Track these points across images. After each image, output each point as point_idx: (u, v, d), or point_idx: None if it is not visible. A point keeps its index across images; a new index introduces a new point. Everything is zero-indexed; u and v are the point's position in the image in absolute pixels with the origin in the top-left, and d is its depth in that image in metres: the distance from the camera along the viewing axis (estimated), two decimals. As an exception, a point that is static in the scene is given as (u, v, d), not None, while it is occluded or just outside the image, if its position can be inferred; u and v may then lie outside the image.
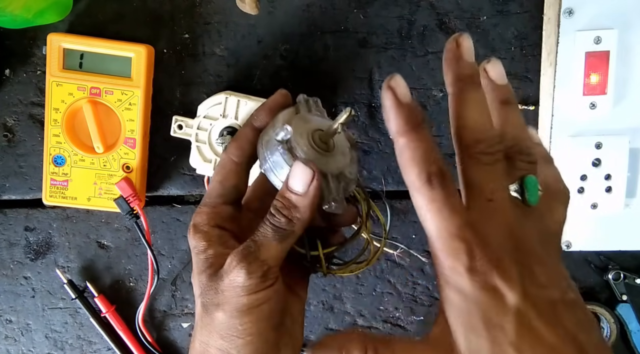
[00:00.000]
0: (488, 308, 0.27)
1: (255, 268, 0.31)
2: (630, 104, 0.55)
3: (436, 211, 0.27)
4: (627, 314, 0.59)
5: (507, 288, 0.27)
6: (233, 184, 0.35)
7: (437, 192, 0.27)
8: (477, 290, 0.27)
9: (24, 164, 0.58)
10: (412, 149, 0.29)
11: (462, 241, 0.27)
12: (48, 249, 0.60)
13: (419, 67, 0.57)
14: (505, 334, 0.27)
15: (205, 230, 0.34)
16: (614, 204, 0.55)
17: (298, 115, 0.35)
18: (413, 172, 0.28)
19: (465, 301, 0.27)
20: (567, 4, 0.53)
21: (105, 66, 0.54)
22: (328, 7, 0.56)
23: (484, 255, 0.27)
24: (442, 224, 0.27)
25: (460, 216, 0.27)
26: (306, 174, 0.32)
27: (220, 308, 0.32)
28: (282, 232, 0.32)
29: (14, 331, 0.61)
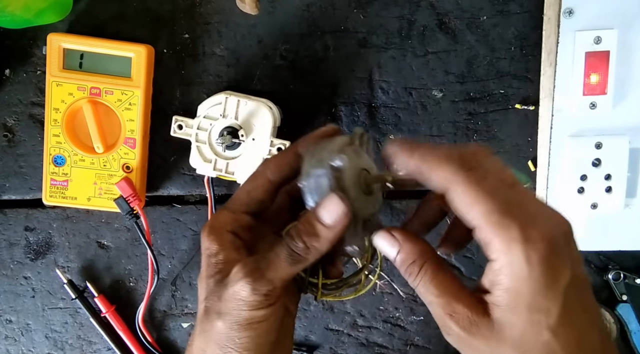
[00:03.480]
0: (539, 283, 0.27)
1: (261, 286, 0.31)
2: (630, 104, 0.55)
3: (478, 193, 0.28)
4: (627, 314, 0.59)
5: (561, 267, 0.27)
6: (260, 198, 0.35)
7: (474, 173, 0.28)
8: (534, 263, 0.27)
9: (24, 164, 0.58)
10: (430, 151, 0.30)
11: (514, 217, 0.27)
12: (48, 249, 0.60)
13: (419, 67, 0.57)
14: (547, 317, 0.27)
15: (221, 233, 0.34)
16: (614, 204, 0.55)
17: (352, 147, 0.34)
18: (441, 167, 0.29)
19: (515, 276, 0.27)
20: (567, 4, 0.53)
21: (105, 66, 0.54)
22: (328, 7, 0.56)
23: (539, 230, 0.27)
24: (489, 204, 0.27)
25: (503, 193, 0.28)
26: (339, 208, 0.31)
27: (221, 317, 0.32)
28: (295, 257, 0.32)
29: (14, 331, 0.61)
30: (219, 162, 0.53)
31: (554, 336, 0.27)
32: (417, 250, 0.32)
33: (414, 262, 0.31)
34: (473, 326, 0.29)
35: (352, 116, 0.57)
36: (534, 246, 0.27)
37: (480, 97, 0.57)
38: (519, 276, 0.27)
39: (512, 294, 0.27)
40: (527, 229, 0.27)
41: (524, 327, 0.27)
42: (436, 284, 0.31)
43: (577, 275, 0.28)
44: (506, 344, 0.28)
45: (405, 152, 0.30)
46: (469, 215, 0.28)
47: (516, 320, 0.28)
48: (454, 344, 0.30)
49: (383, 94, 0.57)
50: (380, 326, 0.61)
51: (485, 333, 0.28)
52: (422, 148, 0.30)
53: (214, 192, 0.57)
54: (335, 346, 0.61)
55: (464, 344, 0.30)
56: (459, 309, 0.29)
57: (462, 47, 0.56)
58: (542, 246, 0.27)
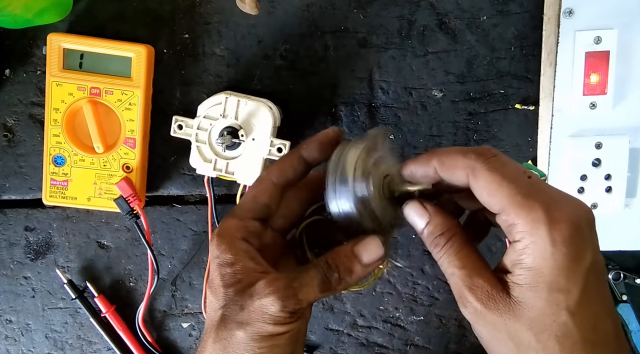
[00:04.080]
0: (561, 263, 0.28)
1: (290, 305, 0.32)
2: (630, 104, 0.55)
3: (501, 178, 0.29)
4: (627, 314, 0.59)
5: (584, 248, 0.28)
6: (266, 203, 0.35)
7: (495, 160, 0.29)
8: (558, 242, 0.27)
9: (24, 164, 0.58)
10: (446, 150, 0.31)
11: (536, 198, 0.28)
12: (48, 249, 0.60)
13: (419, 67, 0.57)
14: (567, 298, 0.28)
15: (232, 242, 0.34)
16: (614, 204, 0.55)
17: (372, 158, 0.34)
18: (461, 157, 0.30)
19: (538, 256, 0.28)
20: (567, 4, 0.53)
21: (105, 66, 0.54)
22: (328, 7, 0.56)
23: (563, 211, 0.28)
24: (512, 187, 0.29)
25: (525, 178, 0.29)
26: (378, 251, 0.33)
27: (242, 327, 0.32)
28: (327, 286, 0.33)
29: (14, 331, 0.61)
30: (219, 162, 0.53)
31: (572, 317, 0.28)
32: (446, 223, 0.33)
33: (442, 234, 0.32)
34: (490, 300, 0.29)
35: (352, 116, 0.57)
36: (558, 227, 0.27)
37: (480, 97, 0.57)
38: (542, 255, 0.28)
39: (534, 273, 0.28)
40: (551, 211, 0.28)
41: (542, 306, 0.28)
42: (460, 257, 0.31)
43: (597, 261, 0.29)
44: (522, 322, 0.29)
45: (422, 163, 0.32)
46: (493, 199, 0.29)
47: (536, 299, 0.28)
48: (468, 318, 0.31)
49: (383, 94, 0.57)
50: (380, 326, 0.61)
51: (501, 307, 0.29)
52: (436, 153, 0.32)
53: (214, 192, 0.57)
54: (335, 346, 0.61)
55: (478, 317, 0.30)
56: (479, 282, 0.30)
57: (462, 47, 0.56)
58: (566, 227, 0.27)
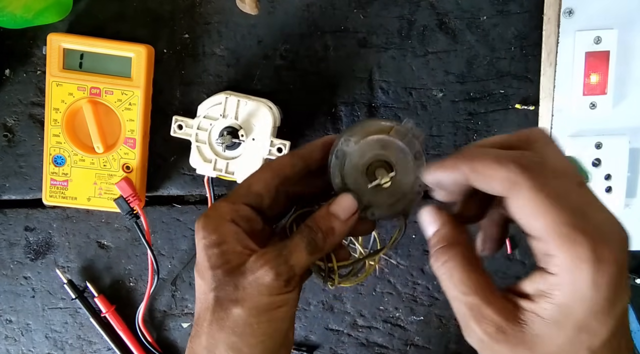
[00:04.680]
0: (598, 308, 0.25)
1: (283, 271, 0.32)
2: (630, 104, 0.55)
3: (546, 203, 0.25)
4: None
5: (623, 290, 0.25)
6: (259, 192, 0.35)
7: (540, 177, 0.26)
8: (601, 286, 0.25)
9: (24, 164, 0.58)
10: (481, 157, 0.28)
11: (583, 231, 0.25)
12: (48, 249, 0.60)
13: (419, 67, 0.57)
14: (593, 339, 0.26)
15: (220, 223, 0.34)
16: (614, 204, 0.55)
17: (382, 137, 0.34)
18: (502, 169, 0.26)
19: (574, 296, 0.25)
20: (567, 4, 0.53)
21: (105, 66, 0.54)
22: (328, 7, 0.56)
23: (609, 248, 0.25)
24: (556, 215, 0.25)
25: (571, 202, 0.25)
26: (351, 205, 0.34)
27: (238, 304, 0.32)
28: (314, 247, 0.33)
29: (14, 331, 0.61)
30: (219, 162, 0.53)
31: None
32: (450, 236, 0.30)
33: (443, 246, 0.30)
34: (500, 333, 0.27)
35: (352, 116, 0.57)
36: (603, 269, 0.25)
37: (480, 97, 0.57)
38: (580, 297, 0.25)
39: (564, 311, 0.26)
40: (599, 248, 0.25)
41: (564, 344, 0.26)
42: (463, 279, 0.28)
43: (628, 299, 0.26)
44: None
45: (450, 169, 0.29)
46: (532, 224, 0.26)
47: (558, 336, 0.26)
48: (472, 344, 0.29)
49: (383, 94, 0.57)
50: (380, 326, 0.61)
51: (512, 341, 0.27)
52: (466, 157, 0.28)
53: (214, 192, 0.57)
54: (335, 346, 0.61)
55: (484, 347, 0.28)
56: (487, 313, 0.27)
57: (462, 47, 0.56)
58: (612, 270, 0.25)
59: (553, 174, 0.26)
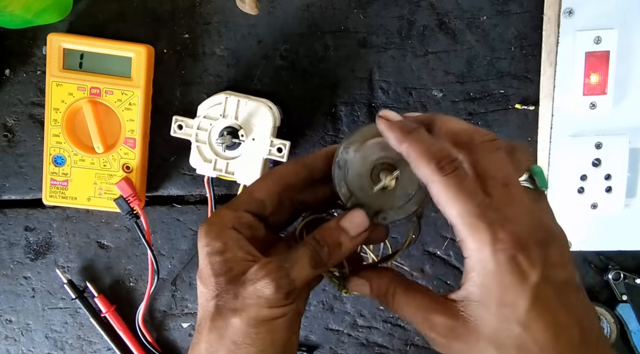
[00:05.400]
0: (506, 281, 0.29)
1: (284, 285, 0.32)
2: (630, 104, 0.55)
3: (454, 196, 0.29)
4: (627, 314, 0.59)
5: (529, 266, 0.29)
6: (262, 199, 0.35)
7: (451, 177, 0.30)
8: (501, 262, 0.28)
9: (24, 164, 0.58)
10: (415, 146, 0.31)
11: (485, 220, 0.29)
12: (48, 249, 0.60)
13: (419, 67, 0.57)
14: (515, 311, 0.29)
15: (222, 231, 0.34)
16: (614, 204, 0.55)
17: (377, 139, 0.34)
18: (423, 164, 0.30)
19: (484, 274, 0.29)
20: (567, 4, 0.53)
21: (105, 66, 0.54)
22: (328, 7, 0.56)
23: (508, 232, 0.29)
24: (463, 207, 0.29)
25: (479, 196, 0.29)
26: (363, 222, 0.34)
27: (237, 314, 0.32)
28: (318, 261, 0.33)
29: (14, 331, 0.61)
30: (219, 162, 0.53)
31: (525, 329, 0.29)
32: (384, 280, 0.34)
33: (386, 291, 0.34)
34: (451, 331, 0.30)
35: (352, 116, 0.57)
36: (501, 247, 0.28)
37: (480, 97, 0.57)
38: (487, 273, 0.29)
39: (483, 290, 0.29)
40: (496, 231, 0.29)
41: (495, 321, 0.29)
42: (408, 303, 0.33)
43: (553, 276, 0.29)
44: (482, 340, 0.30)
45: (394, 138, 0.32)
46: (446, 214, 0.30)
47: (488, 315, 0.29)
48: (441, 352, 0.32)
49: (383, 94, 0.57)
50: (380, 326, 0.61)
51: (462, 333, 0.30)
52: (408, 140, 0.31)
53: (214, 192, 0.57)
54: (335, 346, 0.61)
55: (448, 349, 0.31)
56: (435, 319, 0.31)
57: (462, 47, 0.56)
58: (509, 247, 0.28)
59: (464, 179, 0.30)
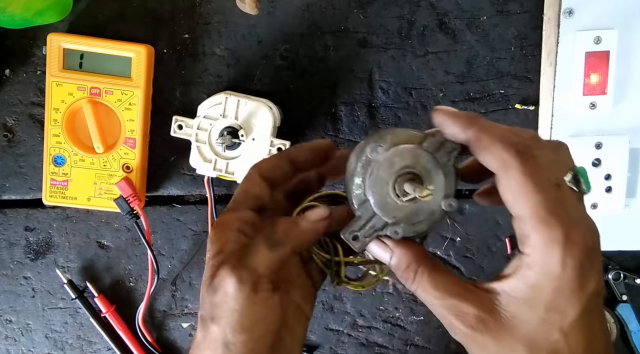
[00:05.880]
0: (566, 287, 0.27)
1: (245, 276, 0.30)
2: (630, 104, 0.55)
3: (532, 186, 0.28)
4: (627, 314, 0.59)
5: (590, 274, 0.27)
6: (257, 194, 0.35)
7: (531, 164, 0.28)
8: (568, 266, 0.27)
9: (24, 164, 0.58)
10: (488, 129, 0.29)
11: (558, 218, 0.27)
12: (48, 249, 0.60)
13: (419, 67, 0.57)
14: (563, 318, 0.28)
15: (223, 233, 0.33)
16: (614, 204, 0.55)
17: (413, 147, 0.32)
18: (500, 147, 0.28)
19: (544, 274, 0.27)
20: (567, 4, 0.53)
21: (105, 66, 0.54)
22: (328, 7, 0.56)
23: (580, 236, 0.27)
24: (539, 199, 0.27)
25: (553, 191, 0.28)
26: (323, 211, 0.33)
27: (214, 322, 0.31)
28: (274, 240, 0.32)
29: (14, 331, 0.61)
30: (219, 162, 0.53)
31: (564, 337, 0.28)
32: (409, 254, 0.31)
33: (408, 267, 0.31)
34: (480, 323, 0.29)
35: (352, 116, 0.57)
36: (572, 251, 0.27)
37: (480, 97, 0.57)
38: (549, 276, 0.27)
39: (535, 291, 0.28)
40: (570, 232, 0.27)
41: (537, 323, 0.28)
42: (436, 286, 0.30)
43: (599, 286, 0.28)
44: (515, 339, 0.28)
45: (459, 125, 0.30)
46: (516, 205, 0.28)
47: (531, 316, 0.28)
48: (460, 341, 0.30)
49: (383, 94, 0.57)
50: (380, 326, 0.61)
51: (493, 327, 0.28)
52: (478, 124, 0.29)
53: (214, 192, 0.57)
54: (335, 346, 0.61)
55: (470, 340, 0.29)
56: (465, 308, 0.29)
57: (462, 47, 0.56)
58: (580, 252, 0.27)
59: (542, 169, 0.28)
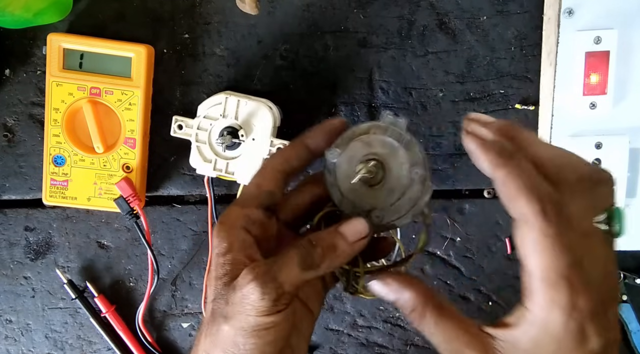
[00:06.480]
0: (566, 347, 0.27)
1: (270, 290, 0.30)
2: (630, 104, 0.55)
3: (548, 248, 0.27)
4: (627, 314, 0.59)
5: (594, 334, 0.27)
6: (269, 190, 0.34)
7: (553, 225, 0.27)
8: (569, 330, 0.27)
9: (24, 164, 0.58)
10: (517, 177, 0.28)
11: (568, 282, 0.27)
12: (48, 249, 0.60)
13: (419, 67, 0.57)
14: None
15: (231, 231, 0.32)
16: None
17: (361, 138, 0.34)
18: (524, 202, 0.27)
19: (545, 334, 0.27)
20: (567, 4, 0.53)
21: (105, 66, 0.54)
22: (328, 7, 0.56)
23: (586, 300, 0.27)
24: (551, 262, 0.27)
25: (570, 255, 0.27)
26: (363, 228, 0.32)
27: (227, 321, 0.31)
28: (309, 262, 0.31)
29: (14, 331, 0.61)
30: (219, 162, 0.53)
31: None
32: (414, 297, 0.32)
33: (414, 310, 0.31)
34: None
35: (352, 116, 0.57)
36: (575, 316, 0.27)
37: (480, 97, 0.57)
38: (550, 336, 0.27)
39: (537, 347, 0.28)
40: (577, 297, 0.27)
41: None
42: (441, 331, 0.30)
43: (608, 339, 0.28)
44: None
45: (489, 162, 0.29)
46: (527, 260, 0.28)
47: None
48: None
49: (383, 94, 0.57)
50: (380, 326, 0.61)
51: None
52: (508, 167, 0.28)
53: (214, 192, 0.57)
54: (335, 346, 0.61)
55: None
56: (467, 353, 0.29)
57: (462, 47, 0.56)
58: (583, 316, 0.27)
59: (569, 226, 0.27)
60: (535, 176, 0.28)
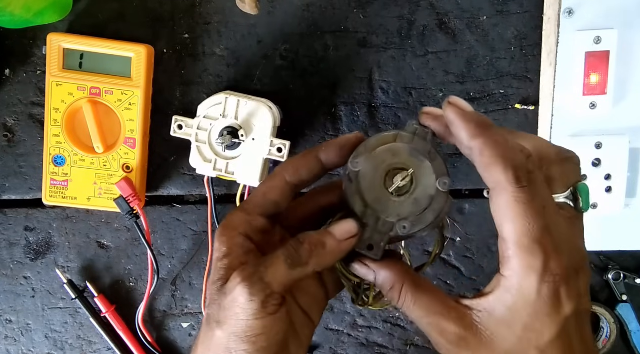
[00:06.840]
0: (541, 311, 0.28)
1: (258, 290, 0.30)
2: (630, 104, 0.55)
3: (521, 213, 0.28)
4: (627, 314, 0.59)
5: (567, 299, 0.28)
6: (275, 200, 0.34)
7: (525, 191, 0.28)
8: (543, 294, 0.28)
9: (24, 164, 0.58)
10: (493, 145, 0.29)
11: (541, 247, 0.28)
12: (48, 249, 0.60)
13: (419, 67, 0.57)
14: (539, 338, 0.29)
15: (232, 236, 0.33)
16: (614, 204, 0.55)
17: (387, 147, 0.33)
18: (498, 168, 0.28)
19: (520, 299, 0.28)
20: (567, 4, 0.53)
21: (105, 66, 0.54)
22: (328, 7, 0.56)
23: (558, 264, 0.28)
24: (525, 227, 0.28)
25: (543, 219, 0.28)
26: (352, 228, 0.32)
27: (220, 327, 0.31)
28: (296, 259, 0.31)
29: (14, 331, 0.61)
30: (219, 162, 0.53)
31: None
32: (392, 275, 0.32)
33: (392, 287, 0.32)
34: (461, 340, 0.30)
35: (352, 116, 0.57)
36: (548, 279, 0.28)
37: (480, 97, 0.57)
38: (525, 301, 0.28)
39: (513, 312, 0.29)
40: (550, 261, 0.28)
41: (514, 342, 0.29)
42: (419, 306, 0.31)
43: (579, 306, 0.29)
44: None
45: (468, 132, 0.30)
46: (502, 227, 0.29)
47: (508, 334, 0.29)
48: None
49: (383, 94, 0.57)
50: (380, 326, 0.61)
51: (473, 344, 0.30)
52: (484, 136, 0.29)
53: (214, 192, 0.57)
54: (335, 346, 0.61)
55: None
56: (446, 326, 0.30)
57: (462, 47, 0.56)
58: (557, 280, 0.28)
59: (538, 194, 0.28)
60: (510, 147, 0.29)
